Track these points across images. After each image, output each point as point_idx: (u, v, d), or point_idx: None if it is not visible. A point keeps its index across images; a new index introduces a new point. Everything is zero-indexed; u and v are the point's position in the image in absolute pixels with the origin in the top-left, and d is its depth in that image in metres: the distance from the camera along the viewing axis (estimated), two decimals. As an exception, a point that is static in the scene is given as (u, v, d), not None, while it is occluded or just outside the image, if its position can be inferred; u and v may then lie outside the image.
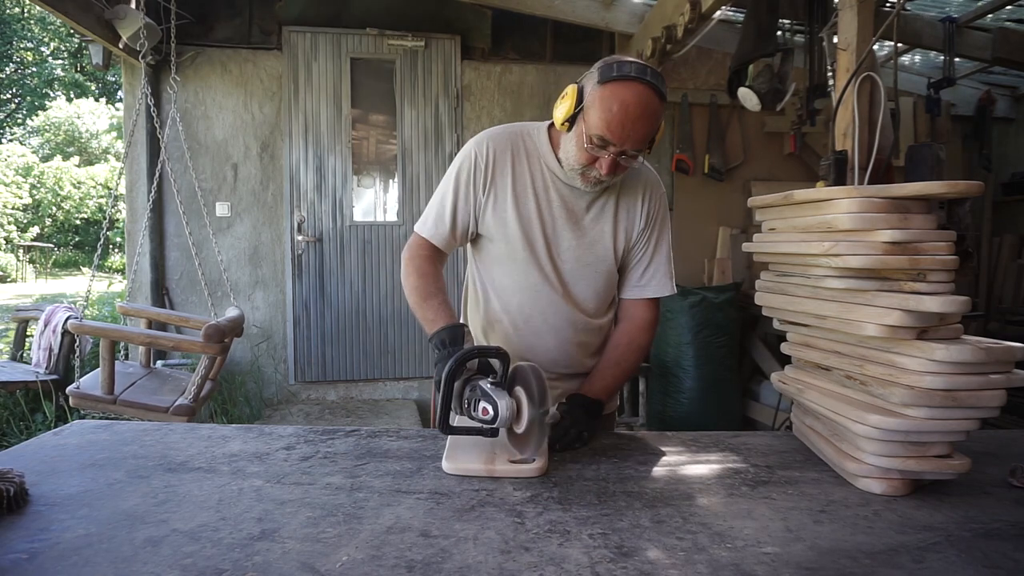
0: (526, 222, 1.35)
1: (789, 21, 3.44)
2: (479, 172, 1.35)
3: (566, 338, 1.41)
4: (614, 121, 1.17)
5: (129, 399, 2.61)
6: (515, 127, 1.40)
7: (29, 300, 9.67)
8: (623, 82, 1.17)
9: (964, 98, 4.96)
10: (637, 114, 1.17)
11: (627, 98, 1.16)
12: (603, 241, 1.37)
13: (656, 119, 1.20)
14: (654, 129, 1.21)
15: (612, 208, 1.37)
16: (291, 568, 0.76)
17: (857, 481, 1.03)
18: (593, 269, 1.39)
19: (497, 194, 1.35)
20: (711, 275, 4.58)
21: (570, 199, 1.35)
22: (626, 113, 1.16)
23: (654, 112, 1.18)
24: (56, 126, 21.56)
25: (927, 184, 0.98)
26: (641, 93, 1.17)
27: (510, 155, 1.35)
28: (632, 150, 1.20)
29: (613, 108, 1.17)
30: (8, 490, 0.89)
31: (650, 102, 1.17)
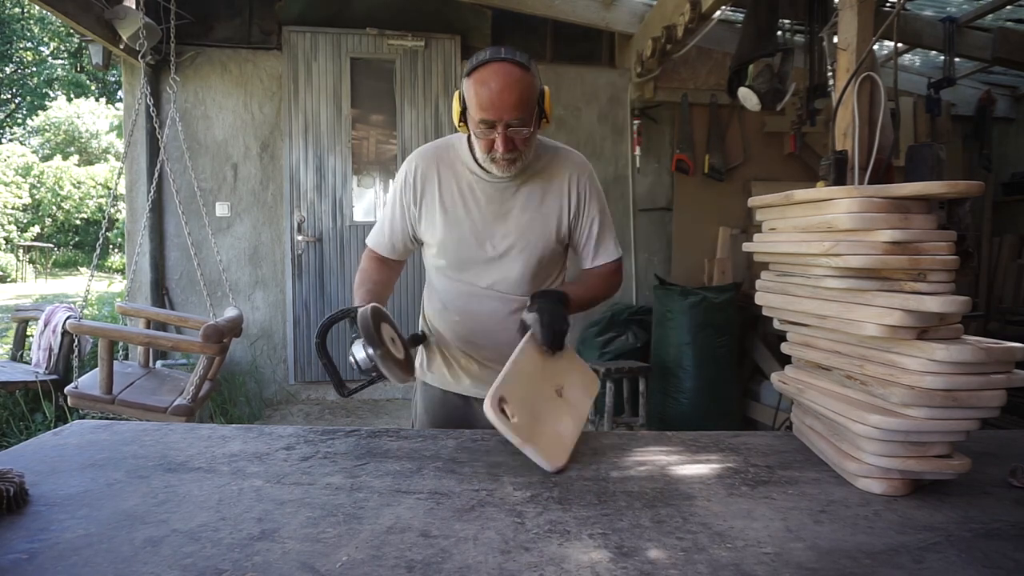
0: (454, 223, 1.48)
1: (789, 21, 3.44)
2: (408, 188, 1.50)
3: (504, 323, 1.51)
4: (484, 100, 1.30)
5: (127, 399, 2.60)
6: (440, 142, 1.55)
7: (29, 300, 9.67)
8: (481, 67, 1.32)
9: (964, 98, 4.96)
10: (500, 86, 1.29)
11: (487, 77, 1.30)
12: (535, 227, 1.48)
13: (523, 86, 1.31)
14: (526, 96, 1.32)
15: (539, 193, 1.48)
16: (291, 568, 0.76)
17: (857, 481, 1.03)
18: (528, 254, 1.49)
19: (427, 204, 1.50)
20: (711, 275, 4.58)
21: (496, 195, 1.47)
22: (491, 90, 1.29)
23: (517, 80, 1.30)
24: (56, 126, 21.55)
25: (927, 184, 0.98)
26: (499, 69, 1.30)
27: (435, 168, 1.49)
28: (514, 120, 1.31)
29: (481, 91, 1.31)
30: (8, 490, 0.89)
31: (509, 72, 1.30)
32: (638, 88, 4.46)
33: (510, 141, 1.34)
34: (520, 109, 1.31)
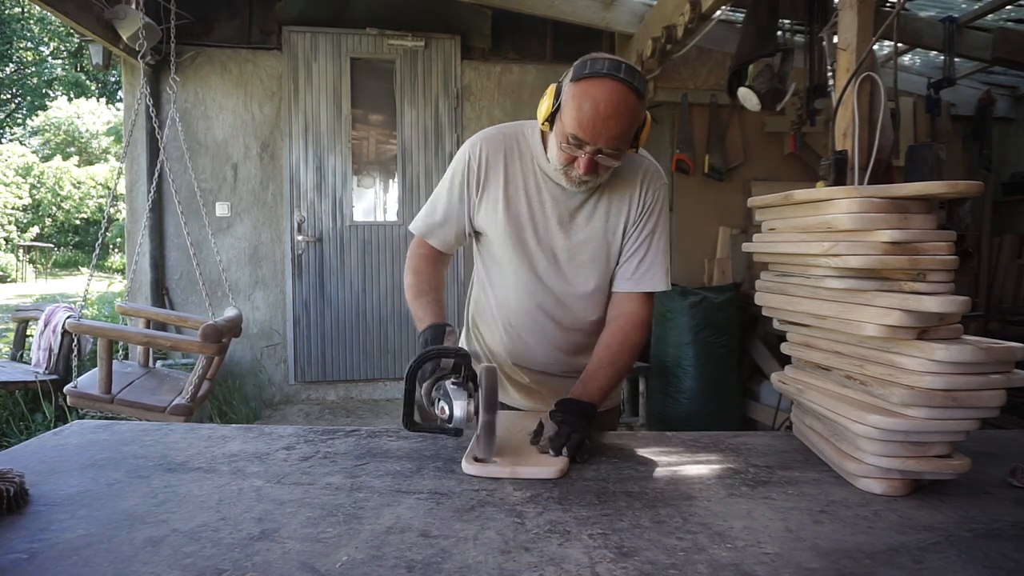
0: (516, 223, 1.35)
1: (789, 21, 3.44)
2: (472, 174, 1.36)
3: (556, 337, 1.42)
4: (585, 119, 1.16)
5: (126, 398, 2.61)
6: (510, 127, 1.41)
7: (29, 300, 9.67)
8: (594, 79, 1.16)
9: (964, 98, 4.96)
10: (608, 112, 1.15)
11: (598, 95, 1.15)
12: (595, 239, 1.36)
13: (632, 115, 1.18)
14: (630, 126, 1.19)
15: (605, 204, 1.35)
16: (291, 568, 0.76)
17: (857, 481, 1.03)
18: (586, 269, 1.37)
19: (490, 194, 1.36)
20: (711, 275, 4.58)
21: (562, 199, 1.35)
22: (597, 111, 1.15)
23: (629, 109, 1.16)
24: (56, 126, 21.56)
25: (927, 184, 0.98)
26: (613, 90, 1.15)
27: (503, 156, 1.36)
28: (608, 148, 1.19)
29: (584, 106, 1.16)
30: (8, 490, 0.89)
31: (623, 99, 1.15)
32: (638, 88, 4.45)
33: (594, 165, 1.21)
34: (620, 140, 1.18)
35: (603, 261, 1.37)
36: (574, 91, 1.18)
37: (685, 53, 3.96)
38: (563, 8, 4.16)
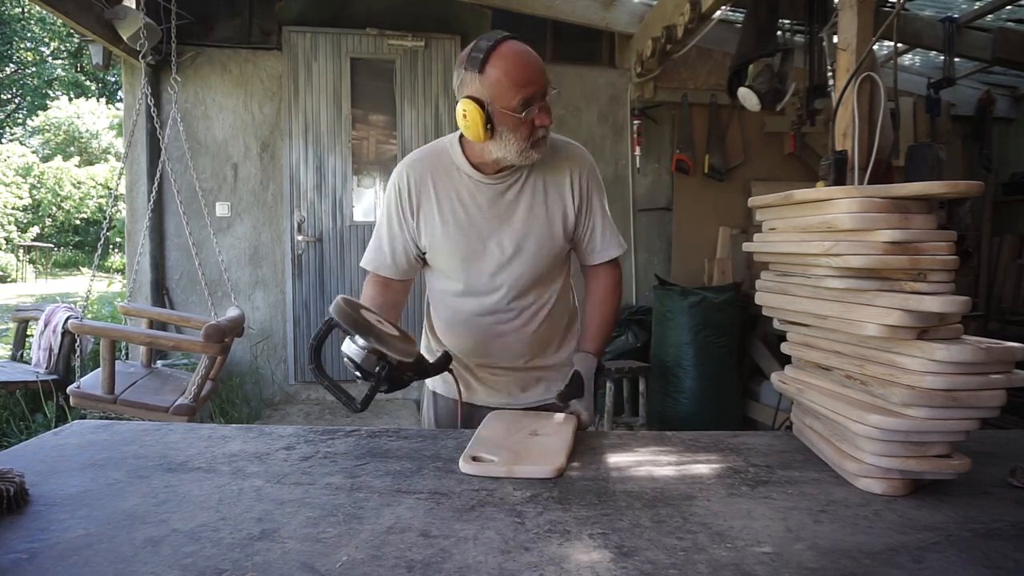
0: (457, 231, 1.41)
1: (789, 21, 3.44)
2: (404, 200, 1.42)
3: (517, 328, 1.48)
4: (521, 77, 1.24)
5: (129, 399, 2.61)
6: (428, 148, 1.48)
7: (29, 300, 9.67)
8: (496, 50, 1.25)
9: (964, 98, 4.96)
10: (529, 56, 1.27)
11: (511, 52, 1.25)
12: (538, 226, 1.42)
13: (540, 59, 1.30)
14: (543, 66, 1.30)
15: (542, 193, 1.42)
16: (291, 568, 0.76)
17: (857, 481, 1.03)
18: (536, 254, 1.43)
19: (424, 213, 1.42)
20: (711, 275, 4.58)
21: (497, 197, 1.41)
22: (522, 60, 1.26)
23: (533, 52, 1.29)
24: (56, 126, 21.56)
25: (927, 184, 0.98)
26: (513, 44, 1.27)
27: (430, 176, 1.42)
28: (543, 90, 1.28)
29: (511, 70, 1.24)
30: (8, 490, 0.89)
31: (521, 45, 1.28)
32: (638, 88, 4.46)
33: (547, 114, 1.29)
34: (544, 76, 1.28)
35: (548, 246, 1.44)
36: (494, 73, 1.25)
37: (685, 53, 3.97)
38: (563, 8, 4.16)
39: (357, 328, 1.10)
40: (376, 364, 1.13)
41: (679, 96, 4.57)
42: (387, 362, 1.13)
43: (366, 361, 1.13)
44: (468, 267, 1.43)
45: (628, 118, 4.62)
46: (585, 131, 4.62)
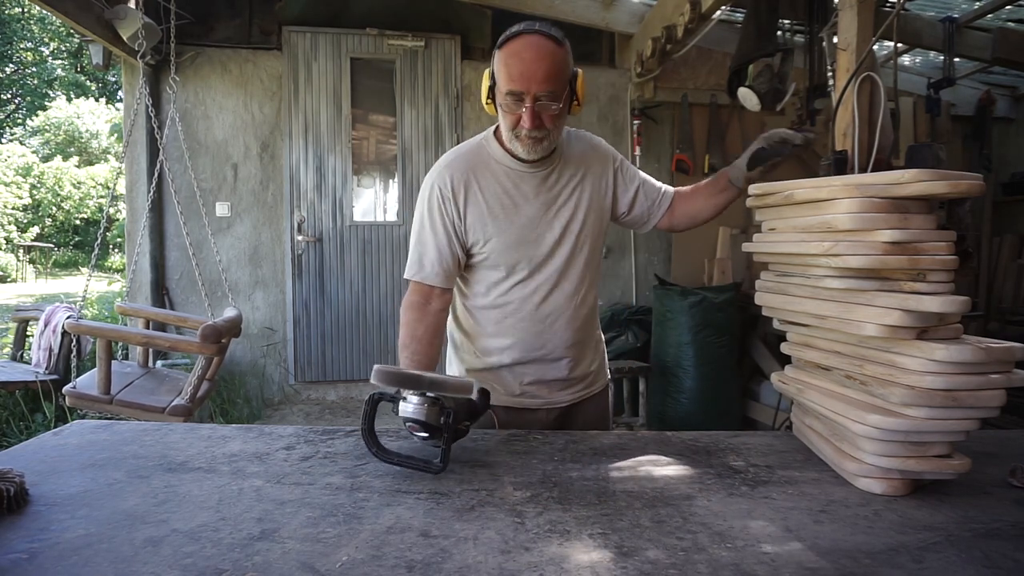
0: (505, 220, 1.40)
1: (789, 21, 3.44)
2: (448, 201, 1.39)
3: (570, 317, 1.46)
4: (514, 71, 1.26)
5: (125, 399, 2.60)
6: (464, 146, 1.47)
7: (29, 300, 9.67)
8: (513, 39, 1.29)
9: (964, 98, 4.96)
10: (532, 57, 1.25)
11: (520, 48, 1.27)
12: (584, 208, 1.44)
13: (554, 58, 1.27)
14: (558, 69, 1.27)
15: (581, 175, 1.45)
16: (291, 568, 0.76)
17: (857, 481, 1.03)
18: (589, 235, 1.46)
19: (472, 210, 1.40)
20: (711, 275, 4.58)
21: (541, 184, 1.42)
22: (521, 59, 1.26)
23: (550, 53, 1.26)
24: (56, 126, 21.55)
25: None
26: (531, 40, 1.27)
27: (472, 174, 1.41)
28: (544, 92, 1.26)
29: (511, 62, 1.27)
30: (8, 490, 0.89)
31: (542, 45, 1.26)
32: (638, 88, 4.46)
33: (538, 117, 1.28)
34: (551, 82, 1.26)
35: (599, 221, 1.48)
36: (500, 55, 1.30)
37: (685, 53, 3.97)
38: (563, 8, 4.16)
39: (407, 383, 1.05)
40: (440, 415, 1.05)
41: (679, 96, 4.57)
42: (449, 408, 1.05)
43: (430, 415, 1.04)
44: (522, 253, 1.41)
45: (628, 118, 4.61)
46: (585, 131, 4.61)
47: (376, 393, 1.08)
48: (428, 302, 1.40)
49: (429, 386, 1.04)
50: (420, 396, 1.05)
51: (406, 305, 1.40)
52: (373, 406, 1.07)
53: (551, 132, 1.33)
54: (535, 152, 1.34)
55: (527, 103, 1.27)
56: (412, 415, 1.04)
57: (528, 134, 1.30)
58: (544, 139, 1.33)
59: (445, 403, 1.05)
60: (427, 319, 1.38)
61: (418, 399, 1.05)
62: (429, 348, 1.34)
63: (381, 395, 1.08)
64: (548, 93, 1.27)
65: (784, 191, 1.18)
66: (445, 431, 1.04)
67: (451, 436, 1.05)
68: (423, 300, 1.40)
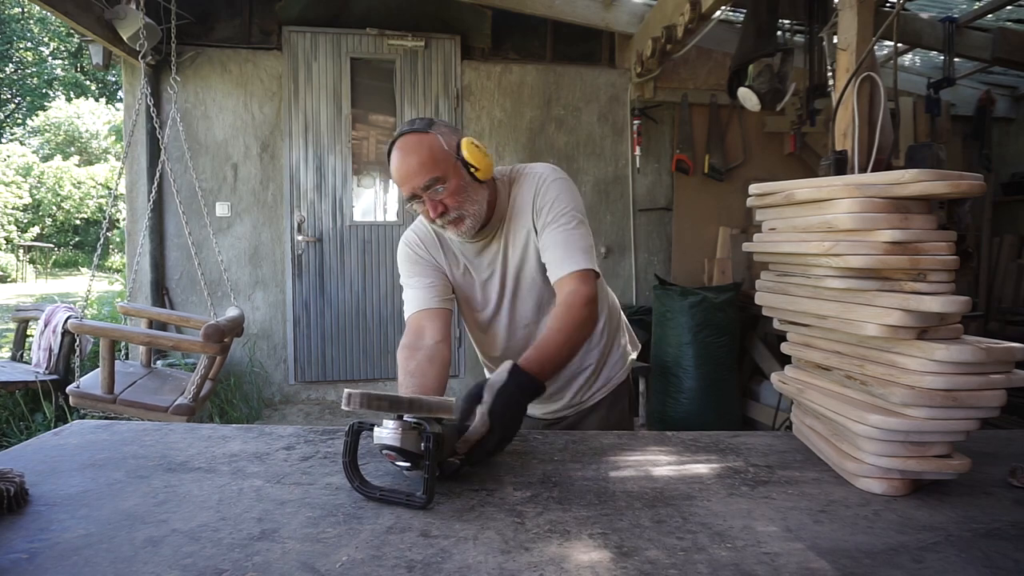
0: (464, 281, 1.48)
1: (789, 21, 3.44)
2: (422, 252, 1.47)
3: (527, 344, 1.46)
4: (397, 177, 1.31)
5: (129, 399, 2.60)
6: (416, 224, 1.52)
7: (29, 300, 9.67)
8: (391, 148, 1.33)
9: (964, 98, 4.96)
10: (401, 158, 1.30)
11: (392, 157, 1.31)
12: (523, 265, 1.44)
13: (421, 148, 1.28)
14: (427, 156, 1.28)
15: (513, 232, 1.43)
16: (291, 568, 0.76)
17: (857, 481, 1.03)
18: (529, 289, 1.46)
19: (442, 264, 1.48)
20: (711, 275, 4.58)
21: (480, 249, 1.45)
22: (396, 165, 1.30)
23: (414, 145, 1.29)
24: (56, 126, 21.56)
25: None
26: (398, 145, 1.31)
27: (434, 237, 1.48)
28: (426, 183, 1.28)
29: (392, 170, 1.32)
30: (8, 490, 0.89)
31: (405, 142, 1.30)
32: (638, 88, 4.46)
33: (438, 204, 1.30)
34: (425, 171, 1.28)
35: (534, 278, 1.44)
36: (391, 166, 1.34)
37: (685, 53, 3.97)
38: (563, 8, 4.16)
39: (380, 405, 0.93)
40: (420, 440, 0.94)
41: (679, 96, 4.57)
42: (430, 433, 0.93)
43: (407, 440, 0.94)
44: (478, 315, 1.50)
45: (628, 118, 4.62)
46: (585, 131, 4.62)
47: (356, 423, 0.99)
48: (420, 337, 1.37)
49: (406, 407, 0.95)
50: (396, 420, 0.96)
51: (399, 348, 1.37)
52: (354, 437, 0.98)
53: (461, 209, 1.32)
54: (466, 234, 1.36)
55: (421, 199, 1.30)
56: (387, 441, 0.94)
57: (441, 223, 1.33)
58: (462, 219, 1.33)
59: (427, 427, 0.94)
60: (418, 355, 1.32)
61: (394, 423, 0.95)
62: (424, 380, 1.25)
63: (361, 424, 0.99)
64: (430, 180, 1.28)
65: (784, 191, 1.18)
66: (427, 459, 0.93)
67: (434, 465, 0.93)
68: (414, 337, 1.37)
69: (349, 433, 0.98)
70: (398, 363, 1.33)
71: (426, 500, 0.92)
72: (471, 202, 1.33)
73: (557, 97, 4.59)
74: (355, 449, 0.98)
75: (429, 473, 0.92)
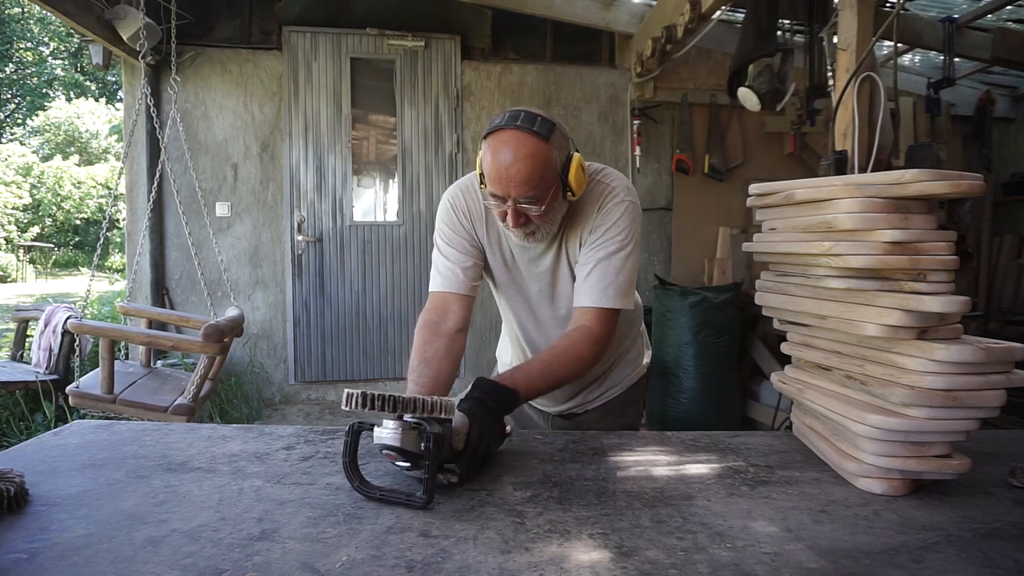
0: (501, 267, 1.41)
1: (789, 21, 3.44)
2: (463, 216, 1.37)
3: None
4: (493, 173, 1.18)
5: (128, 398, 2.60)
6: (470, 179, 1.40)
7: (29, 300, 9.67)
8: (495, 133, 1.19)
9: (964, 98, 4.96)
10: (510, 160, 1.16)
11: (499, 147, 1.17)
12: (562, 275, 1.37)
13: (535, 160, 1.16)
14: (538, 170, 1.17)
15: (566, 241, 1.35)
16: (291, 568, 0.76)
17: (857, 481, 1.03)
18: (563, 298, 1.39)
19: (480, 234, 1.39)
20: (711, 275, 4.58)
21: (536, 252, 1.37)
22: (500, 163, 1.17)
23: (529, 154, 1.16)
24: (56, 126, 21.55)
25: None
26: (512, 138, 1.16)
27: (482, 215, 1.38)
28: (521, 198, 1.18)
29: (491, 162, 1.18)
30: (8, 490, 0.89)
31: (521, 144, 1.16)
32: (638, 88, 4.46)
33: (521, 216, 1.20)
34: (529, 186, 1.17)
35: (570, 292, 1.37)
36: (484, 148, 1.21)
37: (685, 53, 3.97)
38: (563, 8, 4.16)
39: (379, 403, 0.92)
40: (420, 440, 0.94)
41: (679, 96, 4.57)
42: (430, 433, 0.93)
43: (407, 440, 0.94)
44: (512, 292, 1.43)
45: (628, 118, 4.61)
46: (585, 131, 4.62)
47: (356, 423, 0.99)
48: (444, 318, 1.32)
49: (405, 407, 0.94)
50: (396, 420, 0.96)
51: (419, 324, 1.31)
52: (354, 437, 0.98)
53: (540, 226, 1.25)
54: (529, 242, 1.28)
55: (509, 204, 1.19)
56: (387, 441, 0.94)
57: (519, 232, 1.24)
58: (536, 232, 1.26)
59: (427, 427, 0.93)
60: (438, 341, 1.27)
61: (394, 423, 0.95)
62: (439, 373, 1.22)
63: (362, 424, 0.98)
64: (528, 197, 1.18)
65: (784, 191, 1.18)
66: (427, 459, 0.92)
67: (434, 465, 0.93)
68: (438, 317, 1.32)
69: (349, 433, 0.98)
70: (416, 341, 1.28)
71: (426, 500, 0.92)
72: (551, 221, 1.26)
73: (557, 97, 4.59)
74: (355, 449, 0.98)
75: (429, 473, 0.92)
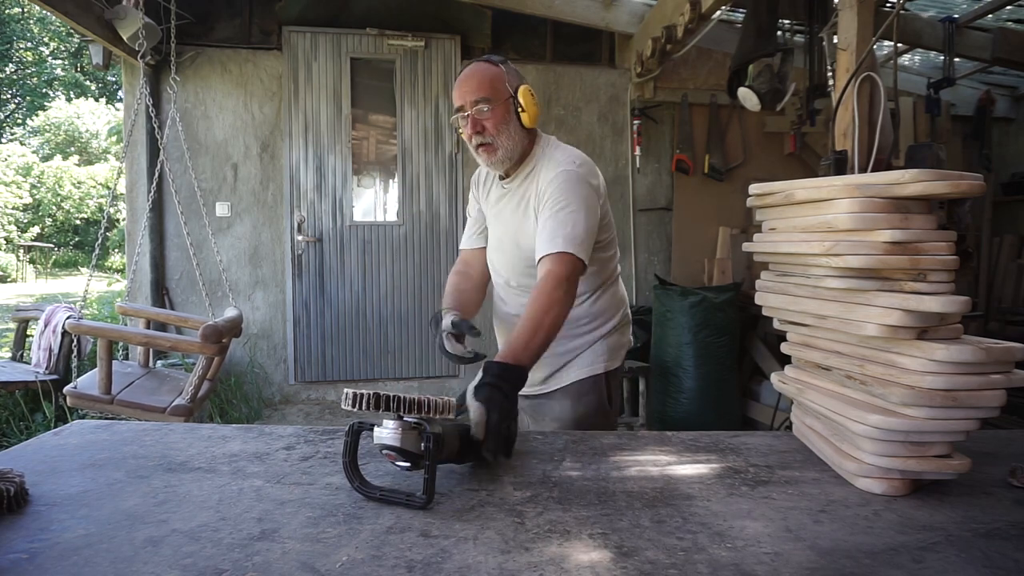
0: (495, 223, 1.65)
1: (789, 21, 3.44)
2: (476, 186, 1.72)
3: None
4: (454, 93, 1.49)
5: (126, 399, 2.60)
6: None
7: (29, 300, 9.67)
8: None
9: (964, 98, 4.96)
10: (465, 76, 1.47)
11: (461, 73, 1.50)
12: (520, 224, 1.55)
13: (484, 73, 1.46)
14: (486, 81, 1.45)
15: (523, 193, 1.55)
16: (291, 568, 0.76)
17: (857, 481, 1.03)
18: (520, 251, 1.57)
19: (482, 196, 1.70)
20: (711, 275, 4.58)
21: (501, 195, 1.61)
22: (458, 83, 1.48)
23: (480, 70, 1.47)
24: (56, 126, 21.56)
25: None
26: (472, 64, 1.50)
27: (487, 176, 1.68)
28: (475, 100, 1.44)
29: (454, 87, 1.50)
30: (8, 490, 0.89)
31: (476, 67, 1.48)
32: (638, 88, 4.46)
33: (477, 123, 1.44)
34: (480, 91, 1.43)
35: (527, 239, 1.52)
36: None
37: (685, 53, 3.97)
38: (563, 8, 4.16)
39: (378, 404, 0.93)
40: (420, 440, 0.95)
41: (679, 96, 4.56)
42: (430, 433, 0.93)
43: (407, 440, 0.94)
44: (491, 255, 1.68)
45: (628, 118, 4.61)
46: (585, 131, 4.62)
47: (356, 423, 0.99)
48: (470, 267, 1.70)
49: (409, 406, 0.94)
50: (396, 420, 0.96)
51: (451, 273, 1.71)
52: (354, 437, 0.98)
53: (496, 139, 1.46)
54: (493, 164, 1.51)
55: (465, 114, 1.46)
56: (387, 441, 0.94)
57: (475, 143, 1.47)
58: (496, 149, 1.47)
59: (427, 427, 0.94)
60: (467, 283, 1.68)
61: (394, 423, 0.95)
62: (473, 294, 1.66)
63: (362, 424, 0.99)
64: (480, 99, 1.43)
65: (784, 191, 1.18)
66: (427, 459, 0.93)
67: (434, 464, 0.93)
68: (465, 267, 1.71)
69: (349, 433, 0.99)
70: (448, 284, 1.67)
71: (426, 500, 0.93)
72: (507, 136, 1.47)
73: (557, 97, 4.59)
74: (355, 449, 0.99)
75: (429, 473, 0.93)
